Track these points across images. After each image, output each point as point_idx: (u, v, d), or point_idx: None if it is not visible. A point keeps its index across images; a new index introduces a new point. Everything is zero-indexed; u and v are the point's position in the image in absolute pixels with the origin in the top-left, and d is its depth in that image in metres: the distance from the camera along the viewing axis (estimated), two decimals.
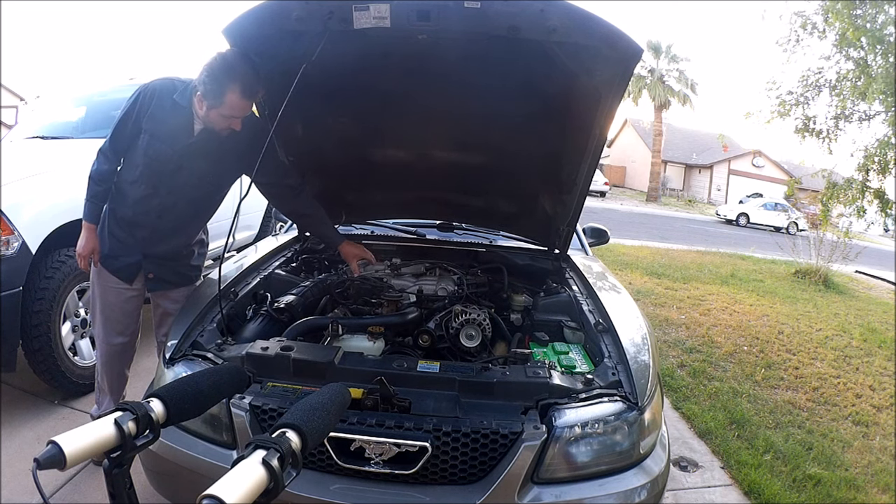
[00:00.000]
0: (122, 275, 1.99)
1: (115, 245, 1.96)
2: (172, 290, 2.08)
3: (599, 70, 1.60)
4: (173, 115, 1.80)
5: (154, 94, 1.81)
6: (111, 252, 1.97)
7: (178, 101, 1.79)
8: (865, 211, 6.18)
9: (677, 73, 25.78)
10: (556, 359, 1.67)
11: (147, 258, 1.99)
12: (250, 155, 1.77)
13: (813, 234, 9.35)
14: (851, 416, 3.43)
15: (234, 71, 1.63)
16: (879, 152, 5.67)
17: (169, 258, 2.03)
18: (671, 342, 4.47)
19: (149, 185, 1.88)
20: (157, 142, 1.82)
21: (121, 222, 1.95)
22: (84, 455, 0.79)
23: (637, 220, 17.18)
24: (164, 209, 1.92)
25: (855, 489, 2.58)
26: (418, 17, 1.49)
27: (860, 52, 5.59)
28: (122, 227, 1.95)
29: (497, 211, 2.57)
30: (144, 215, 1.92)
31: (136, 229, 1.95)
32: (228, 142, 1.85)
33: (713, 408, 3.26)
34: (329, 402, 0.96)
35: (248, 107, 1.71)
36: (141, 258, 1.98)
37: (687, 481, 2.53)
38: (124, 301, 2.03)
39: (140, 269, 1.99)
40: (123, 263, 1.97)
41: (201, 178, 1.93)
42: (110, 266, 1.98)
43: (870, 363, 4.55)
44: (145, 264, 1.99)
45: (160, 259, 2.01)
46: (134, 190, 1.89)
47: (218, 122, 1.74)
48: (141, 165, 1.86)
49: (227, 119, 1.72)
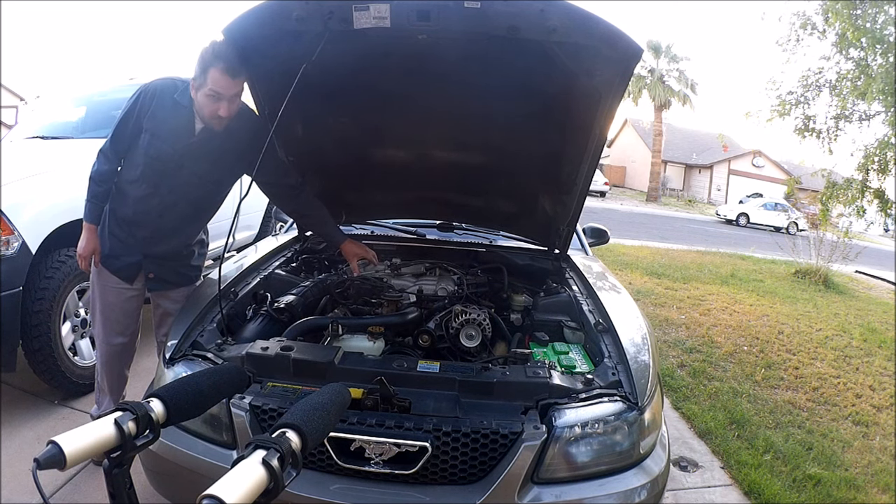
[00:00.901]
0: (122, 275, 1.99)
1: (116, 245, 1.96)
2: (172, 290, 2.08)
3: (599, 70, 1.61)
4: (174, 114, 1.81)
5: (155, 94, 1.82)
6: (112, 252, 1.97)
7: (178, 100, 1.80)
8: (865, 211, 6.18)
9: (677, 73, 25.77)
10: (556, 359, 1.67)
11: (147, 258, 1.99)
12: (250, 154, 1.78)
13: (813, 234, 9.34)
14: (851, 416, 3.43)
15: (218, 51, 1.67)
16: (879, 152, 5.67)
17: (169, 258, 2.04)
18: (671, 342, 4.47)
19: (150, 184, 1.88)
20: (158, 141, 1.82)
21: (121, 222, 1.95)
22: (84, 455, 0.79)
23: (637, 220, 17.18)
24: (164, 208, 1.93)
25: (855, 489, 2.58)
26: (418, 17, 1.49)
27: (860, 52, 5.59)
28: (122, 226, 1.95)
29: (497, 211, 2.57)
30: (145, 215, 1.93)
31: (137, 229, 1.95)
32: (229, 141, 1.85)
33: (713, 408, 3.26)
34: (329, 402, 0.96)
35: (231, 85, 1.70)
36: (141, 258, 1.98)
37: (687, 481, 2.53)
38: (124, 301, 2.04)
39: (141, 268, 2.00)
40: (124, 263, 1.98)
41: (202, 178, 1.93)
42: (111, 266, 1.98)
43: (870, 363, 4.55)
44: (146, 264, 1.99)
45: (161, 259, 2.01)
46: (135, 189, 1.90)
47: (205, 104, 1.73)
48: (142, 165, 1.86)
49: (213, 100, 1.71)
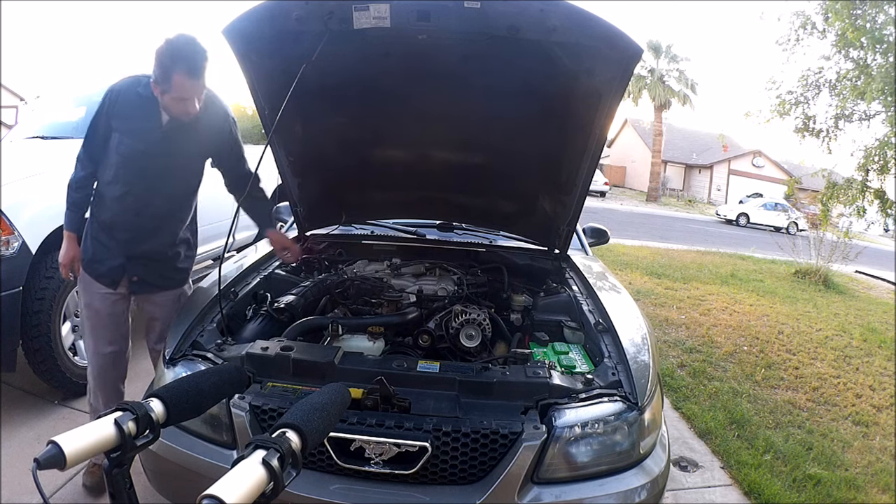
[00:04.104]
0: (105, 279, 1.95)
1: (99, 249, 1.94)
2: (157, 294, 2.05)
3: (599, 70, 1.61)
4: (140, 108, 1.81)
5: (120, 93, 1.83)
6: (95, 257, 1.94)
7: (142, 93, 1.80)
8: (865, 211, 6.18)
9: (677, 73, 25.78)
10: (556, 359, 1.67)
11: (130, 260, 1.95)
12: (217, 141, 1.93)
13: (813, 234, 9.34)
14: (851, 416, 3.43)
15: (178, 53, 1.64)
16: (879, 152, 5.67)
17: (153, 259, 2.00)
18: (671, 342, 4.47)
19: (124, 183, 1.87)
20: (128, 138, 1.82)
21: (102, 226, 1.93)
22: (84, 455, 0.78)
23: (637, 220, 17.18)
24: (141, 206, 1.90)
25: (855, 489, 2.58)
26: (418, 17, 1.49)
27: (860, 52, 5.59)
28: (103, 230, 1.93)
29: (497, 211, 2.57)
30: (122, 214, 1.90)
31: (117, 231, 1.92)
32: (197, 129, 1.85)
33: (713, 408, 3.26)
34: (329, 403, 0.96)
35: (196, 86, 1.70)
36: (124, 261, 1.94)
37: (687, 481, 2.53)
38: (111, 305, 1.99)
39: (124, 272, 1.96)
40: (107, 267, 1.94)
41: (175, 170, 1.92)
42: (94, 272, 1.95)
43: (870, 363, 4.55)
44: (129, 267, 1.95)
45: (144, 260, 1.98)
46: (111, 190, 1.88)
47: (173, 106, 1.74)
48: (115, 164, 1.85)
49: (180, 102, 1.71)
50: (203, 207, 2.19)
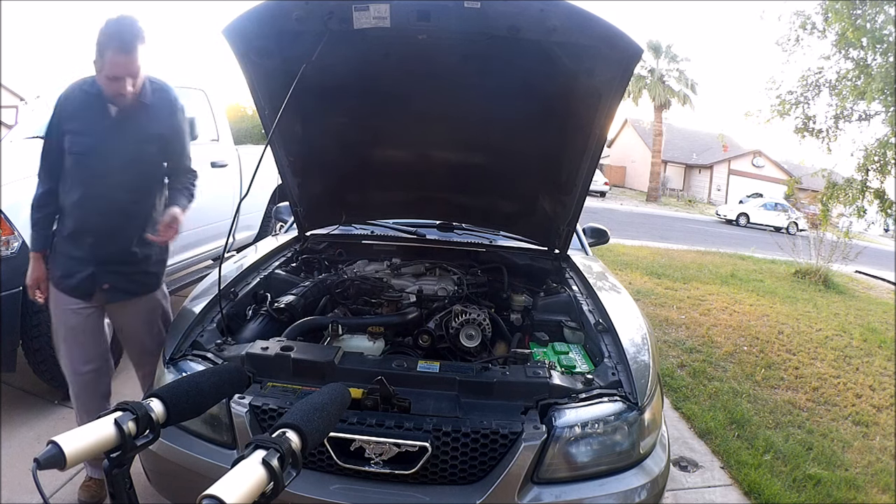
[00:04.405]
0: (78, 292, 1.89)
1: (68, 264, 1.89)
2: (130, 302, 1.98)
3: (599, 70, 1.61)
4: (86, 104, 1.82)
5: (67, 97, 1.84)
6: (65, 272, 1.89)
7: (88, 90, 1.81)
8: (865, 211, 6.18)
9: (677, 73, 25.77)
10: (556, 359, 1.67)
11: (99, 267, 1.89)
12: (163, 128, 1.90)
13: (813, 234, 9.34)
14: (851, 416, 3.43)
15: (111, 31, 1.66)
16: (879, 152, 5.67)
17: (124, 261, 1.93)
18: (671, 342, 4.47)
19: (82, 184, 1.84)
20: (79, 136, 1.82)
21: (69, 237, 1.88)
22: (84, 455, 0.79)
23: (637, 220, 17.18)
24: (102, 204, 1.85)
25: (855, 489, 2.58)
26: (418, 17, 1.49)
27: (860, 52, 5.59)
28: (70, 241, 1.88)
29: (497, 211, 2.57)
30: (85, 219, 1.86)
31: (82, 237, 1.87)
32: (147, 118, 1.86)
33: (713, 408, 3.26)
34: (329, 403, 0.96)
35: (129, 62, 1.69)
36: (94, 269, 1.88)
37: (687, 481, 2.53)
38: (85, 320, 1.92)
39: (95, 281, 1.89)
40: (77, 280, 1.88)
41: (130, 161, 1.87)
42: (66, 286, 1.89)
43: (870, 363, 4.55)
44: (99, 274, 1.89)
45: (114, 265, 1.91)
46: (70, 195, 1.85)
47: (108, 86, 1.73)
48: (71, 168, 1.84)
49: (114, 81, 1.71)
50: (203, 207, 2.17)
